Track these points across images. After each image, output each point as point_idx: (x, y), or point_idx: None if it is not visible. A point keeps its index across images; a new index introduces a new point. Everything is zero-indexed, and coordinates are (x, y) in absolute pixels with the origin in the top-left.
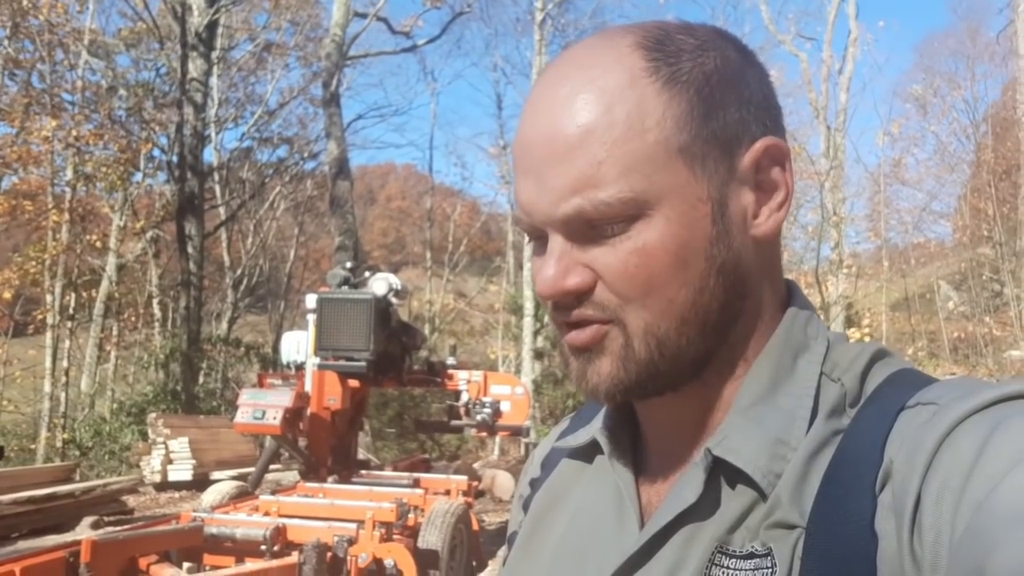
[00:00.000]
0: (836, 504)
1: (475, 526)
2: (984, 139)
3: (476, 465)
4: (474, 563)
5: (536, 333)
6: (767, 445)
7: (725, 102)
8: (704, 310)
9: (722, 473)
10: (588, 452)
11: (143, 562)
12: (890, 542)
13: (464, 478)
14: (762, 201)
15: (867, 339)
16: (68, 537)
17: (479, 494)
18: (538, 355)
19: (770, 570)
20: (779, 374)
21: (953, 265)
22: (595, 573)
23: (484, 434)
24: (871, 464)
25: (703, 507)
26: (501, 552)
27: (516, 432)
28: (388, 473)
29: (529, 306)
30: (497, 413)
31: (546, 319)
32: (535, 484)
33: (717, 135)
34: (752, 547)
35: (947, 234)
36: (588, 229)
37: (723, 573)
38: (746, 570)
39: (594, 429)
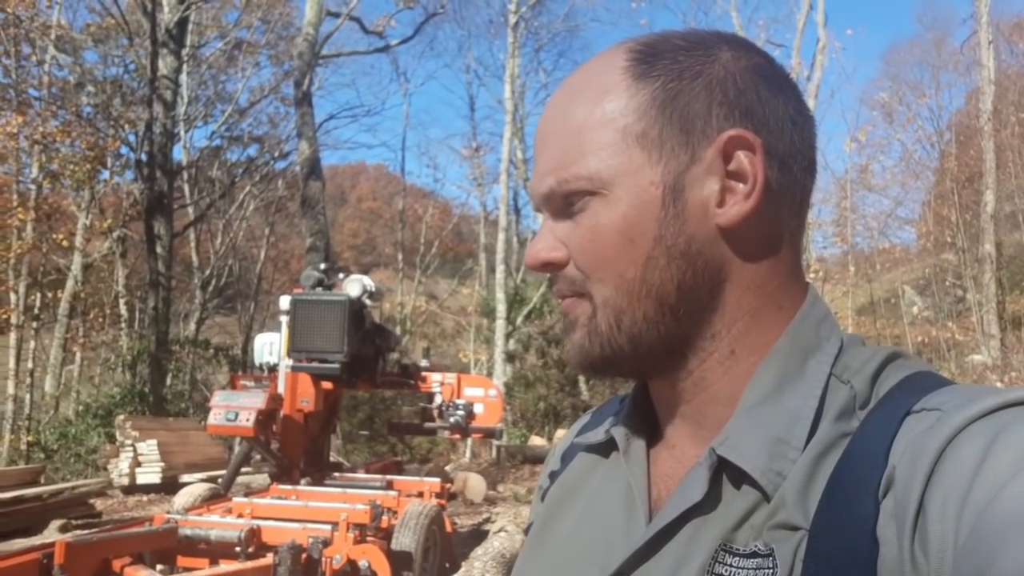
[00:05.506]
0: (839, 508)
1: (448, 528)
2: (948, 147)
3: (448, 467)
4: (447, 565)
5: (508, 336)
6: (767, 444)
7: (692, 94)
8: (657, 289)
9: (726, 472)
10: (605, 447)
11: (117, 564)
12: (890, 548)
13: (437, 480)
14: (730, 191)
15: None
16: (36, 540)
17: (451, 496)
18: (510, 358)
19: (771, 571)
20: (787, 374)
21: (917, 271)
22: (602, 565)
23: (457, 436)
24: (875, 469)
25: (708, 505)
26: (477, 551)
27: (489, 434)
28: (361, 475)
29: (501, 308)
30: (471, 415)
31: (518, 322)
32: (554, 476)
33: (675, 123)
34: (755, 546)
35: (912, 240)
36: (564, 207)
37: (726, 571)
38: (748, 569)
39: (612, 425)
